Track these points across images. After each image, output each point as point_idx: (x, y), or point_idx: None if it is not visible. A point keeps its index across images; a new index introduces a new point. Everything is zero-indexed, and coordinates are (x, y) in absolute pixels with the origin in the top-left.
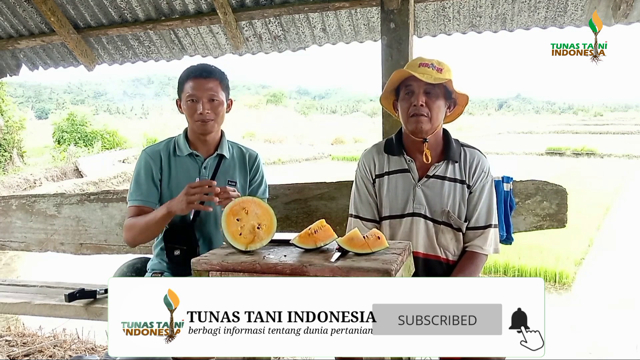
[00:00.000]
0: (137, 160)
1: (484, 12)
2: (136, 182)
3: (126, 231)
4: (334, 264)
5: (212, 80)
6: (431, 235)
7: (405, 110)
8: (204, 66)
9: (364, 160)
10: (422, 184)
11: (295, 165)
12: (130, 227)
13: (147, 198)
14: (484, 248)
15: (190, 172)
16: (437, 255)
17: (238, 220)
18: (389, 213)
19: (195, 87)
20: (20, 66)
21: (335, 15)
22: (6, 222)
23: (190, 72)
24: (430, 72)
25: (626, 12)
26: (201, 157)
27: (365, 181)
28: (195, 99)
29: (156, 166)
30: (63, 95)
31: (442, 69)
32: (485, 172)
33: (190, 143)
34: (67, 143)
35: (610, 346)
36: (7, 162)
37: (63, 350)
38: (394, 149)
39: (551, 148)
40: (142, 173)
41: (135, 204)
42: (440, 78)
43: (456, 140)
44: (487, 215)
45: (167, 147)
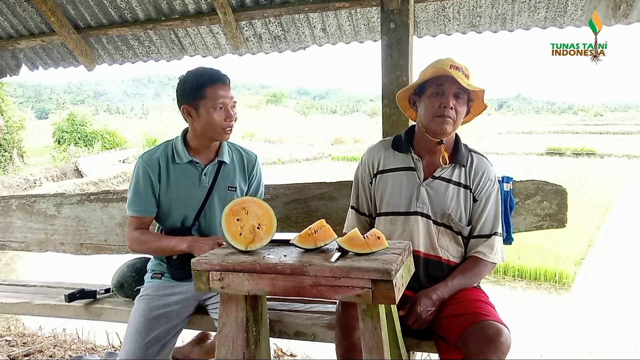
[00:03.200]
0: (135, 167)
1: (484, 12)
2: (135, 193)
3: (135, 243)
4: (334, 264)
5: (230, 87)
6: (432, 235)
7: (431, 109)
8: (218, 71)
9: (367, 157)
10: (427, 184)
11: (295, 165)
12: (140, 242)
13: (147, 209)
14: (490, 256)
15: (190, 179)
16: (438, 255)
17: (238, 220)
18: (391, 209)
19: (224, 94)
20: (20, 66)
21: (335, 15)
22: (6, 222)
23: (210, 77)
24: (461, 76)
25: (626, 12)
26: (201, 164)
27: (364, 177)
28: (224, 106)
29: (154, 175)
30: (63, 95)
31: (469, 75)
32: (492, 180)
33: (189, 149)
34: (67, 143)
35: (610, 346)
36: (7, 162)
37: (63, 350)
38: (401, 147)
39: (551, 148)
40: (140, 183)
41: (135, 214)
42: (471, 85)
43: (465, 145)
44: (493, 223)
45: (165, 154)
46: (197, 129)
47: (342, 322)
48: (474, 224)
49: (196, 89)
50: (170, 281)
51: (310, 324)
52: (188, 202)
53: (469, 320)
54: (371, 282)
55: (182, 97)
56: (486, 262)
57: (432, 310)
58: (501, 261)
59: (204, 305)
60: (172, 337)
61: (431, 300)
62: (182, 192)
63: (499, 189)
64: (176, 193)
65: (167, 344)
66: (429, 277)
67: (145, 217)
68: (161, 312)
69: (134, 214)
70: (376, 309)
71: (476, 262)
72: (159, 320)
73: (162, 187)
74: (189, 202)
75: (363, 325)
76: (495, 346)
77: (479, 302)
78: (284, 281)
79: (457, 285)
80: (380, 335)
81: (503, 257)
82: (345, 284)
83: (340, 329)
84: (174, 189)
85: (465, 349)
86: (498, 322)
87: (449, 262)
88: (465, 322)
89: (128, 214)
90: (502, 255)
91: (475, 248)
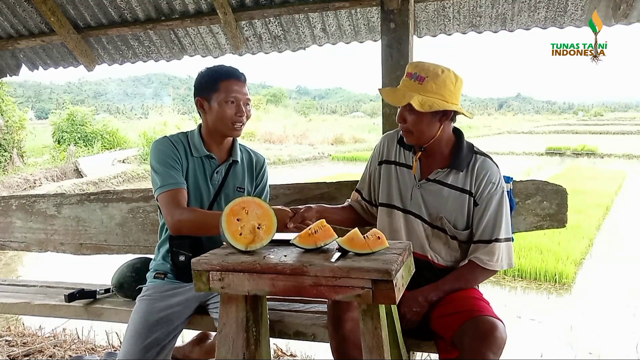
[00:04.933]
0: (152, 151)
1: (484, 12)
2: (165, 167)
3: (182, 224)
4: (334, 264)
5: (245, 85)
6: (423, 237)
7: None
8: (236, 69)
9: (380, 142)
10: (421, 186)
11: (295, 165)
12: (191, 222)
13: (181, 180)
14: (489, 263)
15: (204, 174)
16: (426, 256)
17: (238, 220)
18: (387, 201)
19: (237, 89)
20: (20, 66)
21: (335, 15)
22: (6, 222)
23: (225, 72)
24: (409, 85)
25: (626, 12)
26: (216, 160)
27: (373, 162)
28: (236, 101)
29: (177, 155)
30: (63, 95)
31: (424, 77)
32: (495, 183)
33: (205, 143)
34: (67, 143)
35: (610, 346)
36: (7, 162)
37: (63, 350)
38: (405, 143)
39: (551, 148)
40: (167, 158)
41: (172, 188)
42: (406, 96)
43: (470, 146)
44: (493, 229)
45: (182, 143)
46: (209, 122)
47: (332, 315)
48: (474, 229)
49: (211, 82)
50: (173, 282)
51: (310, 324)
52: (199, 197)
53: (463, 317)
54: (371, 282)
55: (197, 90)
56: (483, 269)
57: (418, 312)
58: (507, 267)
59: (204, 306)
60: (172, 338)
61: (417, 302)
62: (195, 185)
63: (504, 193)
64: (190, 184)
65: (167, 345)
66: (420, 276)
67: (182, 188)
68: (162, 315)
69: (170, 187)
70: (376, 309)
71: (472, 267)
72: (160, 323)
73: (182, 171)
74: (201, 197)
75: (363, 325)
76: (490, 341)
77: (472, 300)
78: (284, 281)
79: (448, 289)
80: (381, 335)
81: (510, 263)
82: (346, 284)
83: (331, 321)
84: (189, 179)
85: (461, 345)
86: (492, 316)
87: (438, 265)
88: (460, 319)
89: (161, 194)
90: (510, 261)
91: (474, 253)
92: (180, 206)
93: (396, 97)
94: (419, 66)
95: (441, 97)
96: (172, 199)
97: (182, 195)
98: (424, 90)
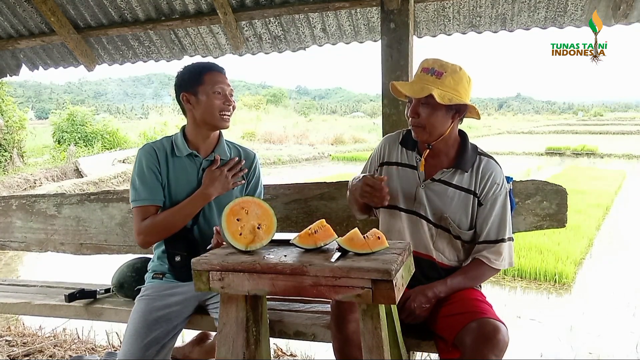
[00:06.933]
0: (136, 160)
1: (484, 12)
2: (141, 181)
3: (148, 231)
4: (334, 264)
5: (226, 77)
6: (427, 237)
7: (407, 118)
8: (215, 63)
9: (382, 144)
10: (426, 186)
11: (295, 166)
12: (154, 225)
13: (155, 196)
14: (495, 262)
15: (189, 174)
16: (431, 256)
17: (238, 220)
18: (396, 203)
19: (221, 80)
20: (20, 66)
21: (335, 16)
22: (6, 222)
23: (208, 66)
24: (426, 79)
25: (626, 12)
26: (200, 157)
27: (373, 162)
28: (222, 92)
29: (156, 164)
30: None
31: (442, 72)
32: (499, 184)
33: (189, 142)
34: (67, 143)
35: (610, 346)
36: (7, 162)
37: (63, 350)
38: (409, 143)
39: (551, 148)
40: (145, 171)
41: (144, 204)
42: (425, 89)
43: (474, 147)
44: (499, 229)
45: (165, 146)
46: (197, 116)
47: (336, 315)
48: (478, 229)
49: (195, 76)
50: (171, 282)
51: (310, 324)
52: (186, 196)
53: (466, 319)
54: (371, 282)
55: (180, 87)
56: (489, 267)
57: (426, 307)
58: (508, 266)
59: (204, 305)
60: (172, 337)
61: (426, 297)
62: (180, 188)
63: (508, 193)
64: (175, 188)
65: (167, 344)
66: (423, 276)
67: (153, 205)
68: (161, 314)
69: (142, 203)
70: (376, 309)
71: (479, 265)
72: (159, 322)
73: (162, 179)
74: (187, 195)
75: (363, 325)
76: (492, 344)
77: (475, 301)
78: (284, 281)
79: (456, 286)
80: (381, 335)
81: (511, 262)
82: (345, 284)
83: (334, 322)
84: (173, 183)
85: (463, 347)
86: (495, 319)
87: (442, 264)
88: (462, 321)
89: (134, 207)
90: (511, 260)
91: (480, 252)
92: (145, 220)
93: (415, 89)
94: (437, 62)
95: (458, 93)
96: (141, 215)
97: (150, 212)
98: (442, 84)
